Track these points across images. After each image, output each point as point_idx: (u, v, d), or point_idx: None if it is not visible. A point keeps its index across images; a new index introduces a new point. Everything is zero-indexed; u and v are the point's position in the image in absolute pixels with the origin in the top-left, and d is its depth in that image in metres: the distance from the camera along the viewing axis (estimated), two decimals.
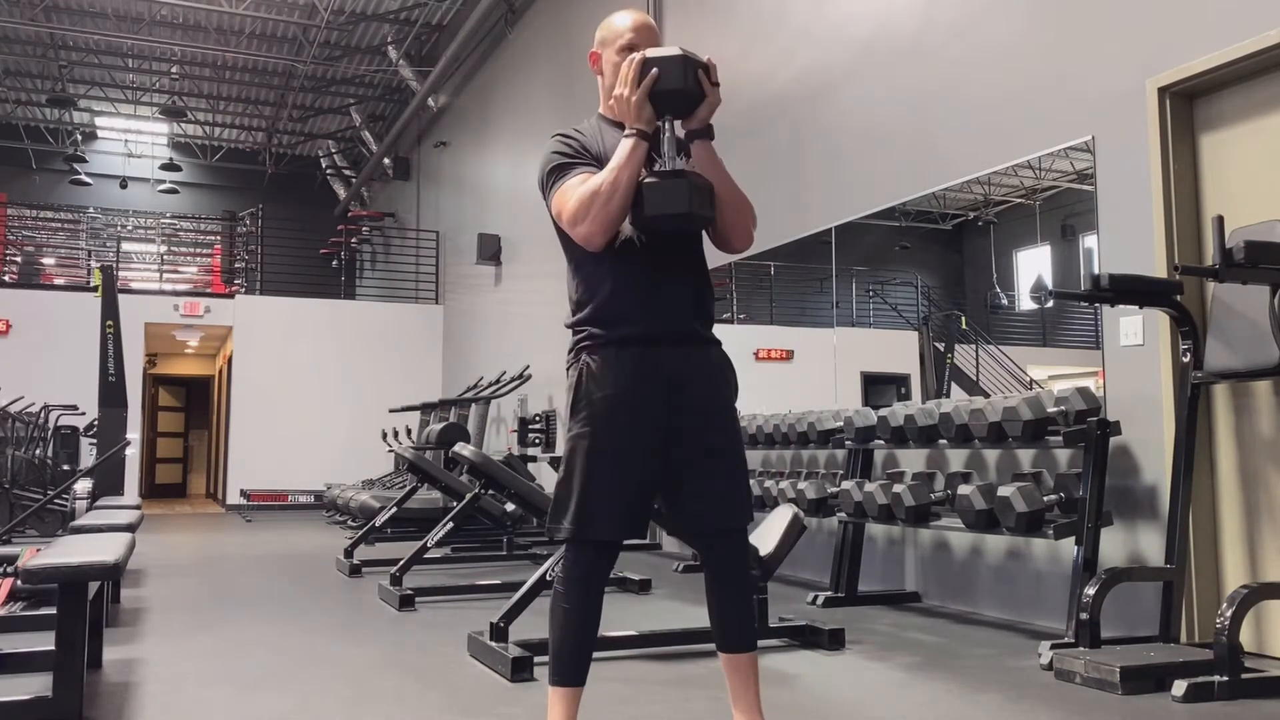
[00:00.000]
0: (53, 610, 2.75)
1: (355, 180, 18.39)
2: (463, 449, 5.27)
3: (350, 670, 3.52)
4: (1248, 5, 3.57)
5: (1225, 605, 3.05)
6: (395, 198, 17.44)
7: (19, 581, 4.13)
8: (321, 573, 6.34)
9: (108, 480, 7.13)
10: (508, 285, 11.51)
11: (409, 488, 7.41)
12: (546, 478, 8.63)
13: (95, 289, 8.32)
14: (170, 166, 18.02)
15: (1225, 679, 3.02)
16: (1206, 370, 3.51)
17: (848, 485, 4.81)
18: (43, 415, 10.15)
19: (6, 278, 14.62)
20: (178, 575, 6.22)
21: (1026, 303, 4.80)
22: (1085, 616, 3.38)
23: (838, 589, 4.95)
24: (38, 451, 9.97)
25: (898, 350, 5.70)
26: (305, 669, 3.56)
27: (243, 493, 12.76)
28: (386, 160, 16.51)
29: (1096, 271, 3.84)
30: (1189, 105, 3.87)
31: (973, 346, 5.16)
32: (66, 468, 10.34)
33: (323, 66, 15.43)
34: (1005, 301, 4.92)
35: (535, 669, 3.33)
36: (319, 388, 13.36)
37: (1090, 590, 3.40)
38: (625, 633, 3.86)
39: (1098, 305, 4.03)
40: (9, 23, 13.35)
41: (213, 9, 12.98)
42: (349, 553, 6.44)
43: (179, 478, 18.06)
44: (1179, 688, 3.01)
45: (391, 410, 12.47)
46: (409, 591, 4.94)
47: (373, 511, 8.04)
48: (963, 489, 4.07)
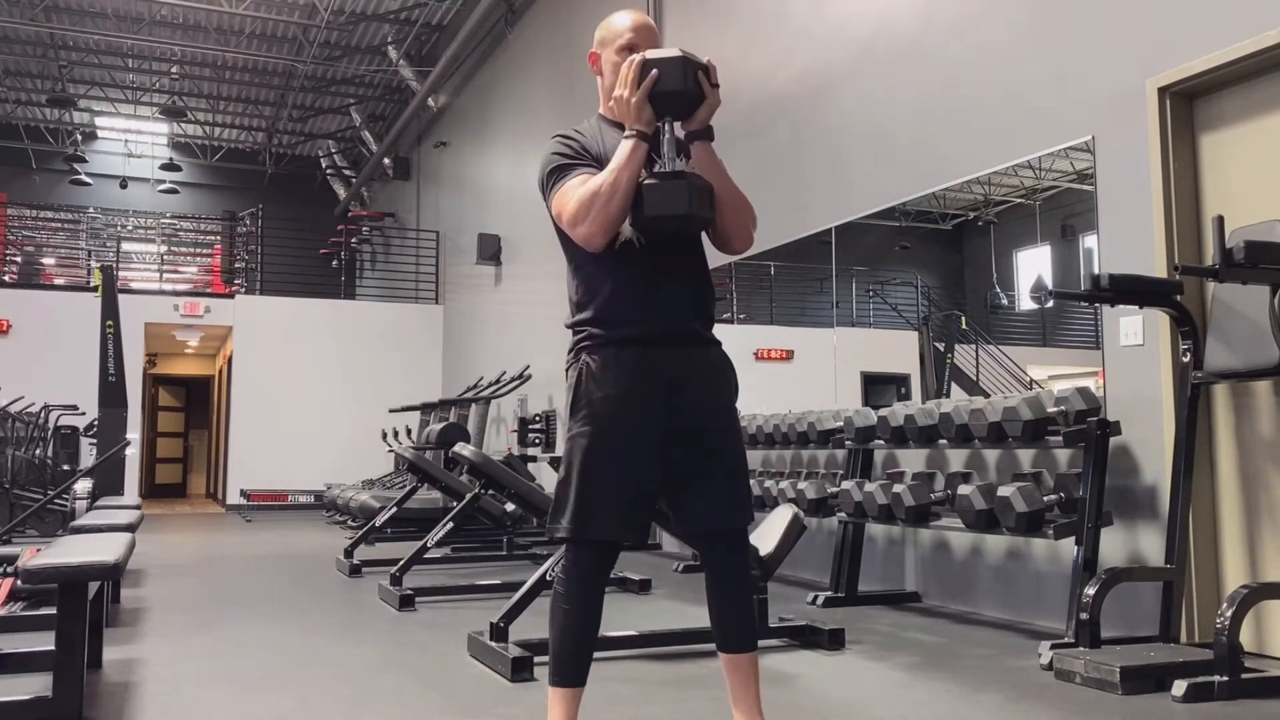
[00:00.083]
0: (53, 610, 2.75)
1: (355, 180, 18.39)
2: (463, 449, 5.27)
3: (350, 670, 3.52)
4: (1248, 5, 3.57)
5: (1225, 605, 3.05)
6: (395, 198, 17.44)
7: (19, 581, 4.13)
8: (321, 573, 6.34)
9: (108, 480, 7.13)
10: (508, 285, 11.51)
11: (409, 488, 7.41)
12: (546, 478, 8.63)
13: (95, 289, 8.32)
14: (170, 166, 18.03)
15: (1225, 679, 3.02)
16: (1206, 370, 3.51)
17: (848, 485, 4.82)
18: (43, 415, 10.15)
19: (6, 278, 14.62)
20: (178, 575, 6.22)
21: (1026, 303, 4.80)
22: (1085, 616, 3.38)
23: (838, 589, 4.95)
24: (38, 451, 9.97)
25: (898, 350, 5.70)
26: (305, 669, 3.56)
27: (243, 493, 12.76)
28: (386, 160, 16.51)
29: (1096, 271, 3.84)
30: (1189, 105, 3.87)
31: (973, 346, 5.16)
32: (66, 468, 10.34)
33: (323, 66, 15.43)
34: (1005, 301, 4.92)
35: (535, 669, 3.33)
36: (319, 388, 13.36)
37: (1090, 590, 3.40)
38: (625, 633, 3.86)
39: (1098, 305, 4.04)
40: (9, 23, 13.35)
41: (213, 9, 12.98)
42: (349, 553, 6.44)
43: (179, 478, 18.07)
44: (1179, 688, 3.01)
45: (391, 410, 12.47)
46: (409, 591, 4.94)
47: (373, 511, 8.05)
48: (963, 489, 4.07)
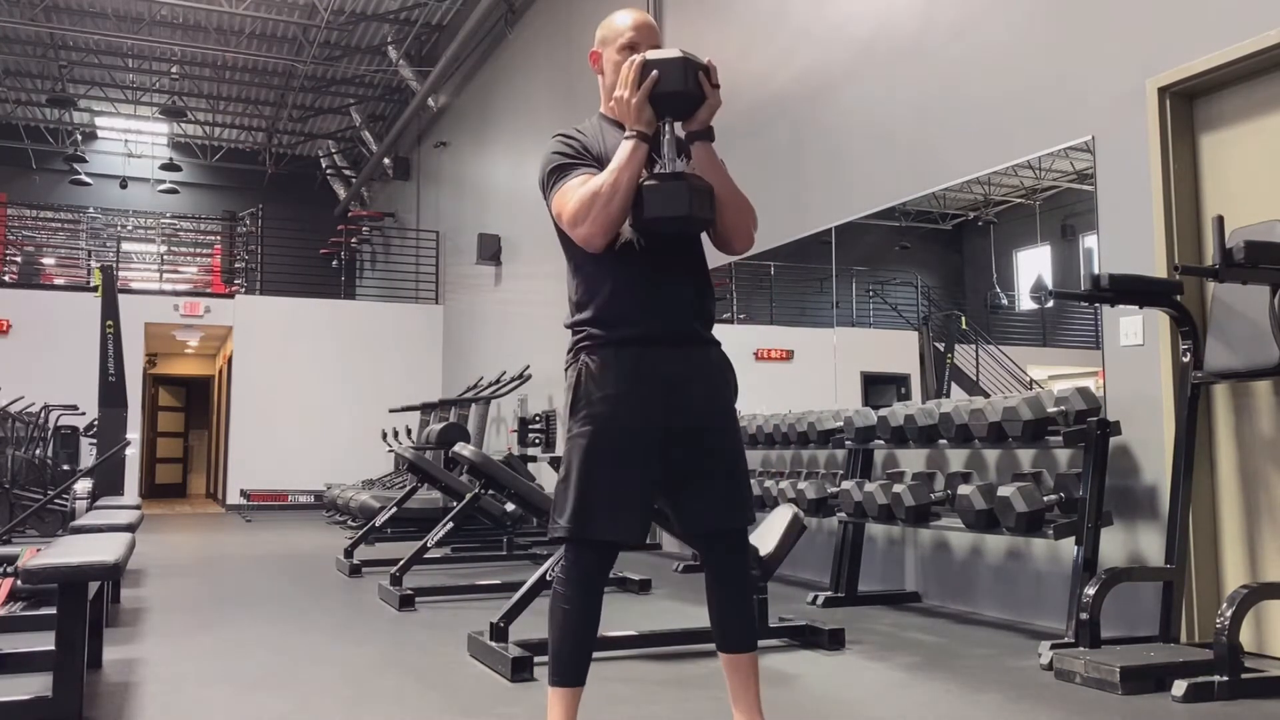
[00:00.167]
0: (53, 610, 2.75)
1: (355, 180, 18.39)
2: (463, 449, 5.27)
3: (350, 670, 3.52)
4: (1248, 5, 3.57)
5: (1225, 605, 3.05)
6: (395, 198, 17.44)
7: (19, 581, 4.13)
8: (321, 573, 6.34)
9: (108, 480, 7.13)
10: (508, 285, 11.51)
11: (409, 488, 7.41)
12: (546, 478, 8.63)
13: (95, 289, 8.32)
14: (170, 166, 18.03)
15: (1225, 679, 3.02)
16: (1206, 370, 3.51)
17: (848, 485, 4.81)
18: (43, 415, 10.15)
19: (6, 278, 14.62)
20: (178, 575, 6.22)
21: (1026, 303, 4.80)
22: (1085, 616, 3.38)
23: (838, 589, 4.95)
24: (38, 451, 9.97)
25: (898, 350, 5.70)
26: (305, 669, 3.56)
27: (243, 493, 12.76)
28: (386, 160, 16.51)
29: (1096, 271, 3.84)
30: (1189, 105, 3.87)
31: (973, 346, 5.16)
32: (66, 468, 10.34)
33: (323, 66, 15.43)
34: (1005, 301, 4.92)
35: (535, 669, 3.33)
36: (319, 388, 13.36)
37: (1090, 590, 3.40)
38: (625, 633, 3.86)
39: (1098, 305, 4.04)
40: (9, 23, 13.35)
41: (213, 9, 12.98)
42: (349, 553, 6.44)
43: (179, 478, 18.07)
44: (1179, 688, 3.01)
45: (392, 410, 12.47)
46: (409, 591, 4.94)
47: (373, 511, 8.05)
48: (963, 489, 4.07)
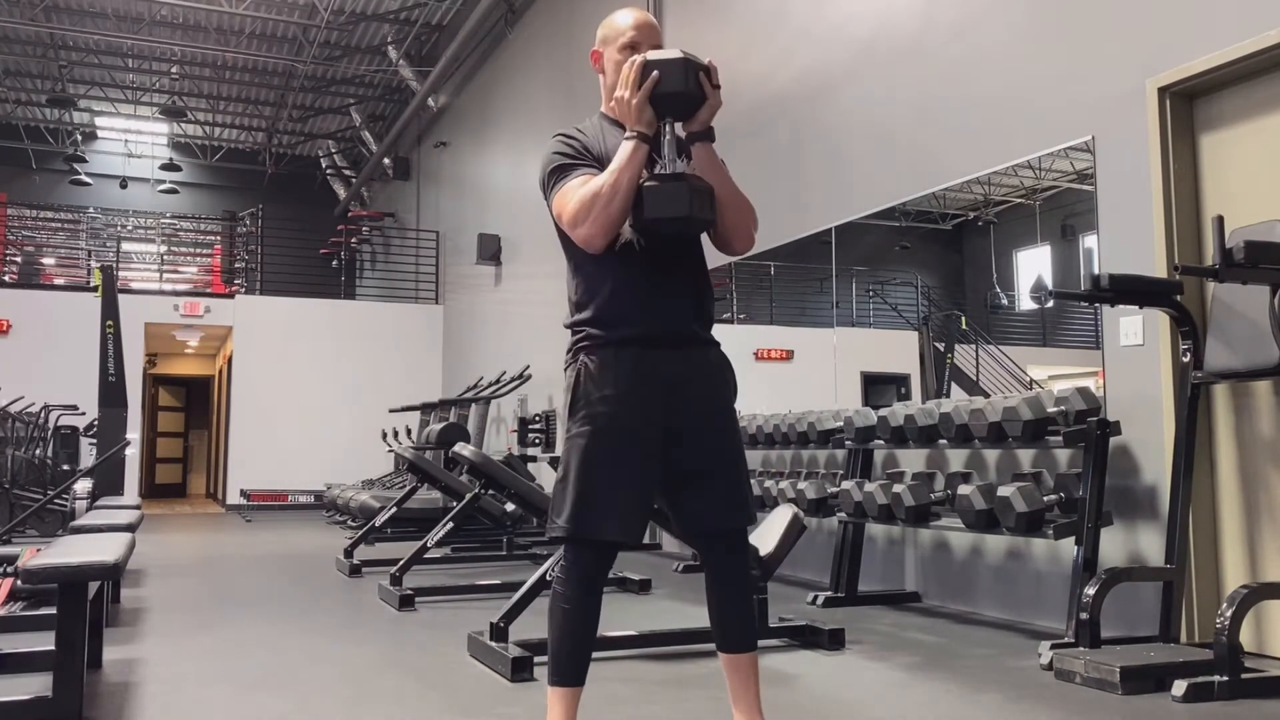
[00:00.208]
0: (53, 610, 2.75)
1: (355, 180, 18.39)
2: (463, 449, 5.27)
3: (350, 670, 3.52)
4: (1248, 5, 3.57)
5: (1225, 605, 3.05)
6: (395, 198, 17.44)
7: (19, 581, 4.13)
8: (321, 573, 6.34)
9: (108, 480, 7.13)
10: (508, 285, 11.51)
11: (409, 488, 7.41)
12: (546, 478, 8.63)
13: (95, 289, 8.32)
14: (170, 166, 18.03)
15: (1225, 679, 3.02)
16: (1206, 370, 3.51)
17: (848, 485, 4.81)
18: (43, 415, 10.15)
19: (6, 278, 14.62)
20: (178, 575, 6.22)
21: (1026, 303, 4.80)
22: (1085, 616, 3.38)
23: (838, 589, 4.95)
24: (38, 451, 9.97)
25: (898, 350, 5.70)
26: (305, 669, 3.56)
27: (243, 493, 12.76)
28: (386, 160, 16.51)
29: (1096, 271, 3.84)
30: (1189, 105, 3.87)
31: (973, 346, 5.16)
32: (66, 468, 10.34)
33: (323, 66, 15.43)
34: (1005, 301, 4.92)
35: (535, 669, 3.33)
36: (319, 388, 13.36)
37: (1090, 590, 3.40)
38: (625, 633, 3.86)
39: (1098, 305, 4.04)
40: (9, 23, 13.35)
41: (213, 9, 12.98)
42: (349, 553, 6.44)
43: (179, 478, 18.07)
44: (1179, 688, 3.01)
45: (391, 410, 12.47)
46: (409, 591, 4.94)
47: (373, 511, 8.05)
48: (963, 489, 4.07)
